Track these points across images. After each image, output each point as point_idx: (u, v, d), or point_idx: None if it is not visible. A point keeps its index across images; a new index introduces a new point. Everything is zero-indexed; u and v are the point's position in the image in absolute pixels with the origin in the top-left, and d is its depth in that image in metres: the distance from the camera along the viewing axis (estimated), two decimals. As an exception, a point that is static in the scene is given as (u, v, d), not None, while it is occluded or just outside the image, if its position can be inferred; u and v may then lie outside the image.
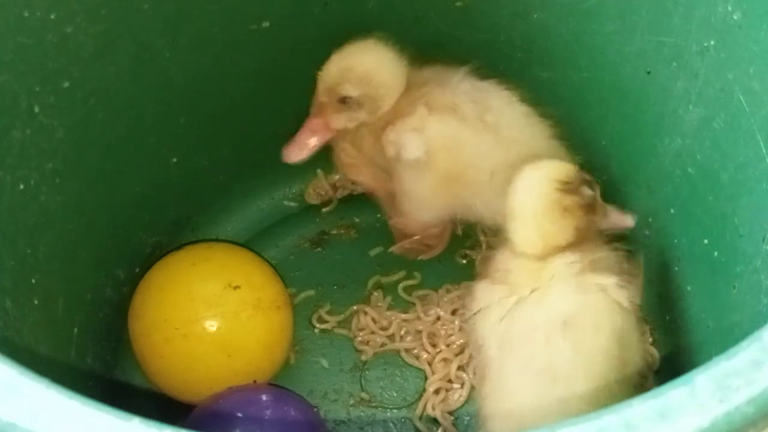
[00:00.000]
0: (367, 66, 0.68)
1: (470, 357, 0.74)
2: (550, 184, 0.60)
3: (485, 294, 0.62)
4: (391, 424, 0.72)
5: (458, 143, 0.68)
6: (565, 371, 0.56)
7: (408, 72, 0.70)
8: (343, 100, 0.68)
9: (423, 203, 0.73)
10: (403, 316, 0.77)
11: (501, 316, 0.59)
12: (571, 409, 0.56)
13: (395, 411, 0.73)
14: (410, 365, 0.75)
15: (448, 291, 0.77)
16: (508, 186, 0.61)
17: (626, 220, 0.64)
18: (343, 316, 0.78)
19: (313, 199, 0.84)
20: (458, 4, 0.70)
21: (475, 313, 0.62)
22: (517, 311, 0.59)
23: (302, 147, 0.70)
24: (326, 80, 0.68)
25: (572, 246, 0.60)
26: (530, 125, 0.69)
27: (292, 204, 0.84)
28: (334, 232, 0.83)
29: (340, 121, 0.70)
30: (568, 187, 0.60)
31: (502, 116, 0.69)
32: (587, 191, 0.61)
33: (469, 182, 0.69)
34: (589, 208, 0.61)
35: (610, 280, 0.59)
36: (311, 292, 0.79)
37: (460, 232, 0.80)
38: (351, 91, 0.68)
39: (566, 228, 0.60)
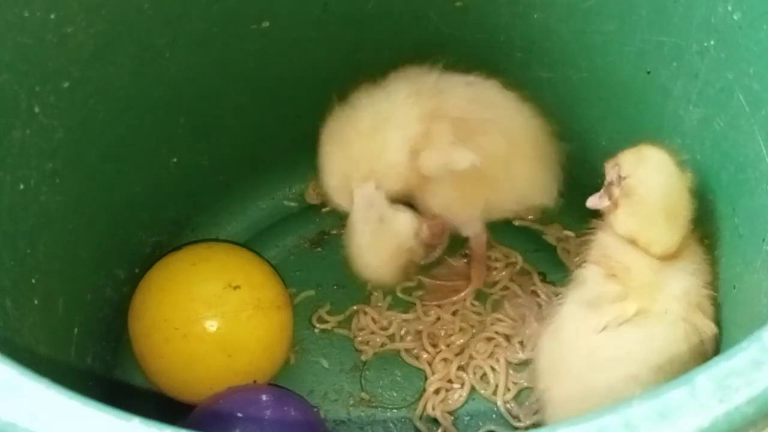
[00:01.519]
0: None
1: (470, 357, 0.74)
2: (673, 171, 0.56)
3: (596, 285, 0.58)
4: (391, 424, 0.72)
5: (491, 152, 0.68)
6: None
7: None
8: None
9: (463, 212, 0.72)
10: (403, 316, 0.77)
11: (603, 321, 0.56)
12: None
13: (395, 411, 0.73)
14: (410, 365, 0.75)
15: (449, 291, 0.78)
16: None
17: None
18: (343, 316, 0.78)
19: (313, 199, 0.84)
20: (458, 4, 0.70)
21: (576, 300, 0.59)
22: (622, 329, 0.55)
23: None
24: None
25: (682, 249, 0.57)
26: (518, 109, 0.70)
27: (292, 204, 0.84)
28: (334, 232, 0.83)
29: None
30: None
31: (497, 108, 0.69)
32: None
33: (494, 181, 0.69)
34: None
35: (711, 330, 0.56)
36: (311, 292, 0.79)
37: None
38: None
39: (688, 214, 0.56)
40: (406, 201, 0.73)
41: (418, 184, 0.70)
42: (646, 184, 0.57)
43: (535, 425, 0.69)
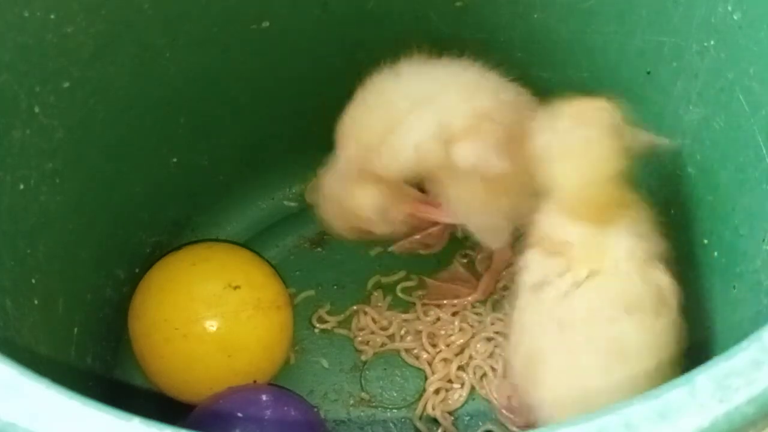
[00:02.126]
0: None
1: (470, 357, 0.74)
2: (603, 126, 0.56)
3: (540, 267, 0.58)
4: (391, 424, 0.72)
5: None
6: (634, 349, 0.55)
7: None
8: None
9: (490, 225, 0.71)
10: (403, 316, 0.77)
11: (561, 293, 0.56)
12: (639, 386, 0.54)
13: (395, 411, 0.73)
14: (410, 365, 0.75)
15: (449, 292, 0.78)
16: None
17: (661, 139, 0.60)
18: (343, 316, 0.78)
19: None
20: (458, 4, 0.70)
21: (523, 285, 0.59)
22: (579, 291, 0.56)
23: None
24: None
25: (619, 211, 0.57)
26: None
27: (292, 204, 0.84)
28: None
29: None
30: (619, 133, 0.57)
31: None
32: (640, 135, 0.58)
33: (523, 189, 0.67)
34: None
35: (666, 280, 0.57)
36: (311, 292, 0.79)
37: (460, 233, 0.80)
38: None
39: (619, 175, 0.56)
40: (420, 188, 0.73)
41: (438, 179, 0.68)
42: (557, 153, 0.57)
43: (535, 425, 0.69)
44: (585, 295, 0.56)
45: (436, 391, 0.73)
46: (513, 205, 0.68)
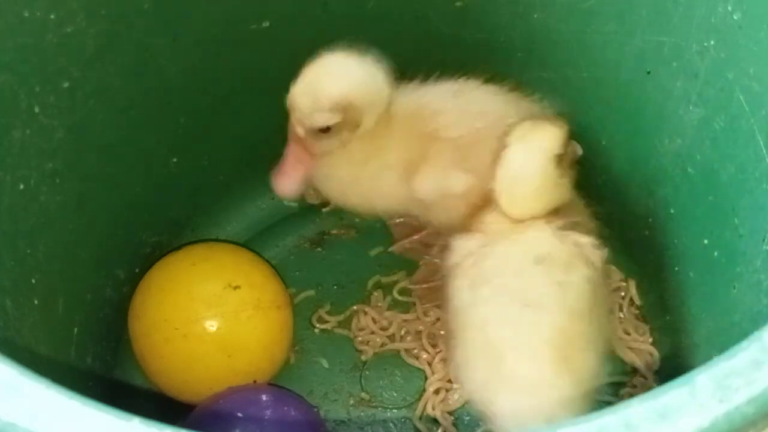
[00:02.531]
0: (338, 87, 0.61)
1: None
2: (548, 155, 0.59)
3: (463, 244, 0.61)
4: (391, 424, 0.72)
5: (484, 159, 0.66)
6: (537, 301, 0.56)
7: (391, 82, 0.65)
8: (322, 130, 0.62)
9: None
10: (403, 316, 0.77)
11: (475, 260, 0.59)
12: (542, 342, 0.56)
13: (395, 411, 0.73)
14: (410, 365, 0.75)
15: (449, 292, 0.77)
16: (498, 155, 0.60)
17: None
18: (343, 316, 0.78)
19: (313, 199, 0.84)
20: (458, 4, 0.70)
21: (451, 266, 0.61)
22: (491, 249, 0.59)
23: (292, 178, 0.65)
24: (298, 111, 0.62)
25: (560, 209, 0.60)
26: (507, 105, 0.68)
27: (292, 204, 0.84)
28: (334, 232, 0.83)
29: (322, 145, 0.63)
30: (563, 156, 0.59)
31: (488, 113, 0.67)
32: (574, 149, 0.61)
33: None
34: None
35: (585, 239, 0.60)
36: (311, 292, 0.79)
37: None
38: (328, 120, 0.61)
39: (562, 189, 0.60)
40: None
41: (417, 206, 0.69)
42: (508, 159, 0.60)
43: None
44: (495, 255, 0.59)
45: (436, 391, 0.73)
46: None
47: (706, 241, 0.62)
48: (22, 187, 0.56)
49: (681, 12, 0.58)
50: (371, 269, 0.80)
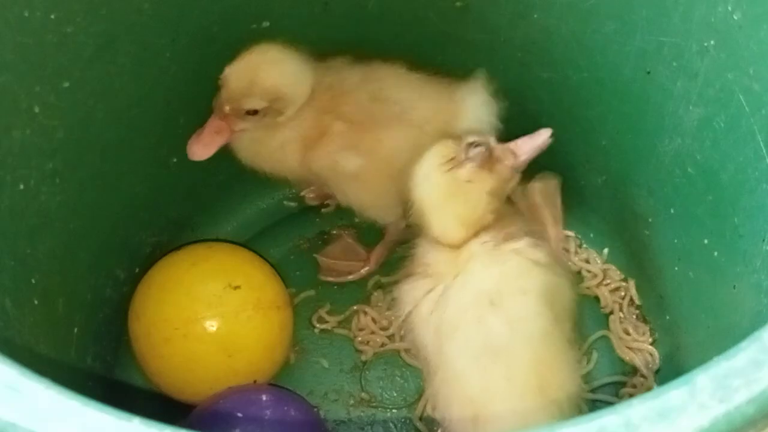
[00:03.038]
0: (272, 78, 0.66)
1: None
2: (439, 168, 0.59)
3: (410, 292, 0.61)
4: (391, 424, 0.72)
5: (383, 144, 0.69)
6: (504, 347, 0.56)
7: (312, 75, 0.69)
8: (248, 111, 0.67)
9: (372, 205, 0.73)
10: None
11: (431, 309, 0.59)
12: (517, 386, 0.56)
13: (395, 411, 0.73)
14: (410, 365, 0.75)
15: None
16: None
17: (539, 139, 0.61)
18: (343, 316, 0.78)
19: (313, 200, 0.84)
20: (458, 4, 0.70)
21: (405, 316, 0.62)
22: (444, 298, 0.59)
23: (207, 146, 0.69)
24: (229, 91, 0.66)
25: (494, 223, 0.60)
26: (424, 93, 0.70)
27: (292, 204, 0.84)
28: (334, 232, 0.83)
29: (243, 125, 0.68)
30: (456, 162, 0.59)
31: (401, 96, 0.69)
32: (476, 150, 0.59)
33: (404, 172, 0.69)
34: (491, 162, 0.60)
35: (521, 243, 0.59)
36: (311, 292, 0.79)
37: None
38: (256, 104, 0.66)
39: (481, 200, 0.59)
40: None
41: (317, 180, 0.72)
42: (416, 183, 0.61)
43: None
44: (451, 299, 0.58)
45: (436, 391, 0.73)
46: (400, 189, 0.70)
47: (706, 241, 0.62)
48: (22, 187, 0.56)
49: (681, 12, 0.58)
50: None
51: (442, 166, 0.59)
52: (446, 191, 0.59)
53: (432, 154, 0.60)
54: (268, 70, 0.66)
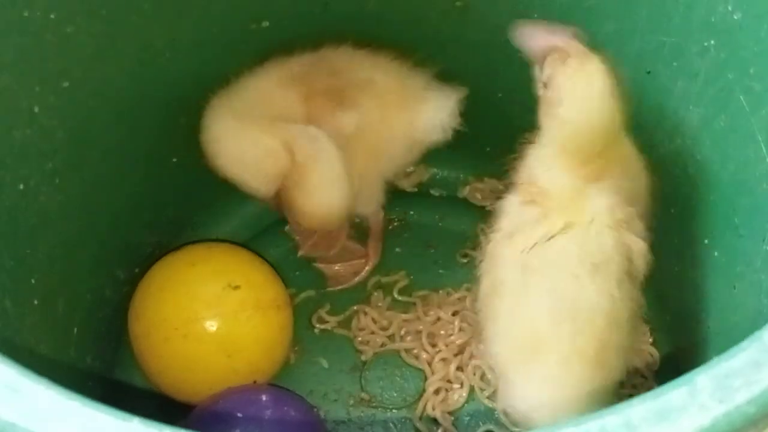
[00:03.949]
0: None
1: (470, 357, 0.74)
2: (611, 94, 0.56)
3: (516, 214, 0.59)
4: (391, 424, 0.72)
5: (365, 116, 0.69)
6: (588, 308, 0.56)
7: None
8: None
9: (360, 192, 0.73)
10: (403, 316, 0.77)
11: (530, 242, 0.57)
12: (585, 342, 0.56)
13: (395, 411, 0.73)
14: (410, 365, 0.75)
15: (449, 294, 0.77)
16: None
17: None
18: (343, 316, 0.78)
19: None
20: (458, 4, 0.70)
21: (501, 232, 0.60)
22: (550, 242, 0.57)
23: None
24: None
25: (609, 166, 0.58)
26: (374, 66, 0.70)
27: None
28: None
29: None
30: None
31: (356, 69, 0.70)
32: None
33: (377, 145, 0.71)
34: None
35: (639, 246, 0.58)
36: (311, 292, 0.79)
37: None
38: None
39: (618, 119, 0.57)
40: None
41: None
42: (564, 95, 0.57)
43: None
44: (554, 247, 0.57)
45: (436, 391, 0.73)
46: (380, 172, 0.72)
47: (706, 241, 0.62)
48: (22, 187, 0.56)
49: (681, 12, 0.58)
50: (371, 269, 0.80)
51: (610, 77, 0.55)
52: (613, 115, 0.56)
53: (601, 78, 0.56)
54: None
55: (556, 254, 0.57)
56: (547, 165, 0.59)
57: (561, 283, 0.56)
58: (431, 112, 0.70)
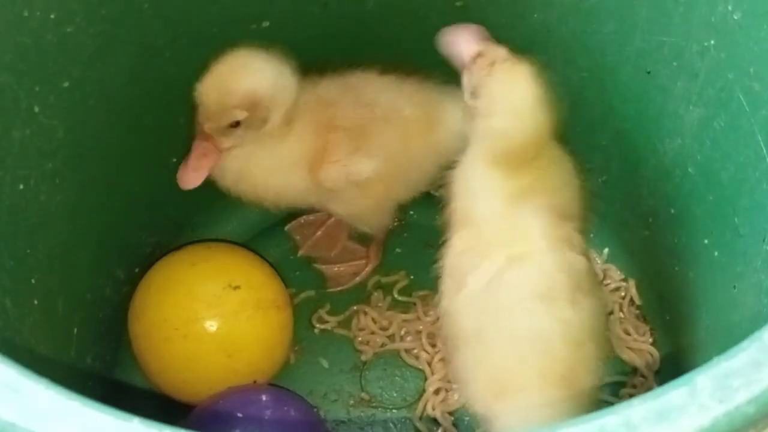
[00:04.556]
0: (245, 84, 0.63)
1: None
2: (540, 92, 0.56)
3: (459, 265, 0.60)
4: (391, 425, 0.72)
5: (381, 147, 0.68)
6: (546, 335, 0.56)
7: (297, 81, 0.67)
8: (230, 125, 0.64)
9: (373, 213, 0.73)
10: (403, 316, 0.77)
11: (478, 289, 0.58)
12: (549, 367, 0.57)
13: (395, 411, 0.73)
14: (410, 365, 0.75)
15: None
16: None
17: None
18: (343, 316, 0.78)
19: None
20: (458, 4, 0.70)
21: (447, 285, 0.61)
22: (498, 281, 0.58)
23: (196, 171, 0.66)
24: (207, 106, 0.63)
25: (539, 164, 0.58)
26: (399, 93, 0.70)
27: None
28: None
29: (229, 141, 0.65)
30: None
31: (380, 102, 0.69)
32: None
33: (398, 175, 0.70)
34: None
35: (581, 263, 0.58)
36: (311, 292, 0.79)
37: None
38: (236, 115, 0.63)
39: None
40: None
41: (321, 199, 0.71)
42: (495, 104, 0.57)
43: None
44: (502, 287, 0.57)
45: (436, 391, 0.73)
46: (396, 194, 0.72)
47: (706, 241, 0.62)
48: (22, 187, 0.56)
49: (681, 12, 0.58)
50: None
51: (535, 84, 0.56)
52: (545, 121, 0.57)
53: (531, 81, 0.57)
54: (239, 77, 0.63)
55: (504, 294, 0.57)
56: (477, 187, 0.59)
57: (516, 320, 0.57)
58: (450, 130, 0.69)
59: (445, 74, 0.72)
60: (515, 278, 0.57)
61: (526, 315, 0.57)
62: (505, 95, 0.57)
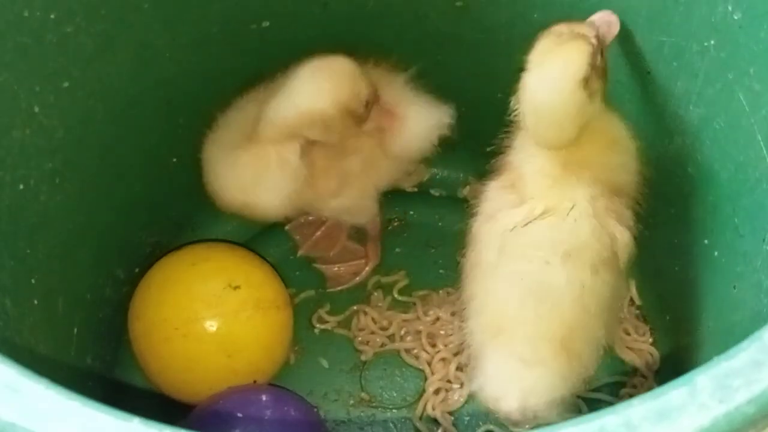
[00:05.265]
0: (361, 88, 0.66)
1: (469, 357, 0.74)
2: (572, 81, 0.54)
3: (496, 198, 0.61)
4: (391, 424, 0.72)
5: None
6: (558, 294, 0.57)
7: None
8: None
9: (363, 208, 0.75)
10: (403, 316, 0.77)
11: (508, 225, 0.58)
12: (552, 325, 0.57)
13: (395, 411, 0.73)
14: (410, 365, 0.75)
15: (449, 294, 0.77)
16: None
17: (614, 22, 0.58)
18: (343, 316, 0.78)
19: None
20: (458, 4, 0.70)
21: (481, 214, 0.61)
22: (525, 227, 0.58)
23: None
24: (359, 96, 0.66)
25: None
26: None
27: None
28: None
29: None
30: (590, 76, 0.55)
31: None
32: (600, 60, 0.56)
33: (376, 160, 0.72)
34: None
35: (624, 235, 0.59)
36: (311, 292, 0.79)
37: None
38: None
39: (592, 109, 0.56)
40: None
41: (308, 201, 0.71)
42: (526, 87, 0.57)
43: (536, 426, 0.69)
44: (529, 232, 0.58)
45: (436, 391, 0.73)
46: (374, 181, 0.73)
47: (706, 241, 0.62)
48: (22, 187, 0.56)
49: (681, 12, 0.58)
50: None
51: (574, 77, 0.54)
52: (568, 105, 0.55)
53: (566, 61, 0.55)
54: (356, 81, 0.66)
55: (529, 239, 0.58)
56: (527, 152, 0.60)
57: (531, 267, 0.57)
58: (414, 130, 0.71)
59: (442, 75, 0.72)
60: (545, 229, 0.57)
61: (544, 266, 0.57)
62: (539, 68, 0.57)
